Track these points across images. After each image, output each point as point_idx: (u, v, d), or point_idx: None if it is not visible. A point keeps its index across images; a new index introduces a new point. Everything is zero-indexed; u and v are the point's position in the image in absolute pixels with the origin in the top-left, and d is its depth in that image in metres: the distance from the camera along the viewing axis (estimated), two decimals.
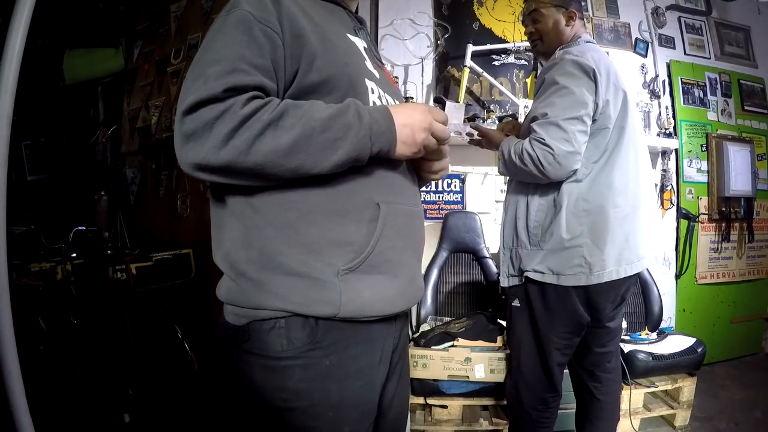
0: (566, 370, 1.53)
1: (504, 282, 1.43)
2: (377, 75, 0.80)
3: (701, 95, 2.85)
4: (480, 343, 1.82)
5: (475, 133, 1.52)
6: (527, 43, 2.55)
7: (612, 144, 1.28)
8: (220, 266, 0.74)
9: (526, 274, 1.33)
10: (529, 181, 1.33)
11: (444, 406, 1.84)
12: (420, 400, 1.84)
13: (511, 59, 2.62)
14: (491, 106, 2.61)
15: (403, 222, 0.76)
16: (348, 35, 0.80)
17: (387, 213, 0.72)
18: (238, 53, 0.64)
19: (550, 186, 1.30)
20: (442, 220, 2.41)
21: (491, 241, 2.45)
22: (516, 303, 1.41)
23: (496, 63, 2.60)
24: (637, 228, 1.31)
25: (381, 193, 0.73)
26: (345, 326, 0.69)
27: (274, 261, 0.67)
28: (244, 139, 0.61)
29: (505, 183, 2.51)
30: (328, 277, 0.67)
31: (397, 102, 0.84)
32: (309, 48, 0.68)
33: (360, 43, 0.82)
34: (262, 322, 0.68)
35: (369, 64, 0.79)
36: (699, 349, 1.96)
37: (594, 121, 1.25)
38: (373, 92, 0.76)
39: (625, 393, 1.87)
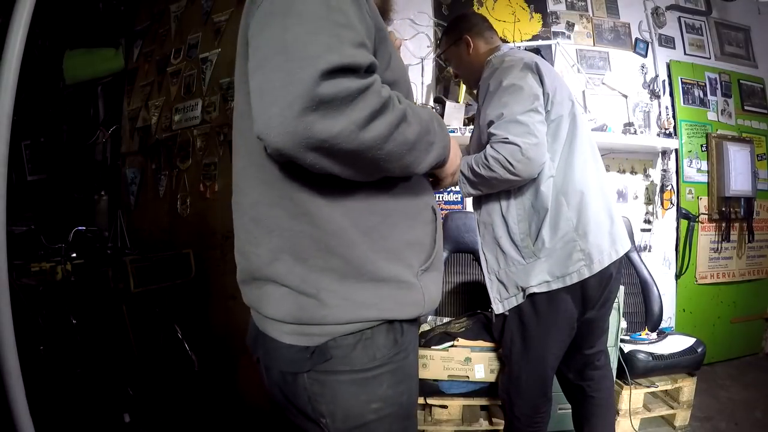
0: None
1: (498, 308, 1.34)
2: None
3: (701, 95, 2.85)
4: (480, 343, 1.81)
5: None
6: (528, 44, 2.56)
7: (570, 131, 1.29)
8: (280, 280, 0.65)
9: (531, 290, 1.26)
10: (501, 188, 1.28)
11: (444, 406, 1.84)
12: (420, 400, 1.84)
13: None
14: None
15: (440, 222, 0.80)
16: None
17: (437, 214, 0.76)
18: (361, 29, 0.56)
19: (522, 193, 1.28)
20: (442, 221, 2.41)
21: None
22: (506, 313, 1.36)
23: None
24: (615, 204, 1.34)
25: (430, 196, 0.77)
26: (412, 325, 0.71)
27: (360, 269, 0.64)
28: (386, 124, 0.55)
29: None
30: (411, 279, 0.68)
31: None
32: (387, 46, 0.67)
33: None
34: (346, 337, 0.64)
35: None
36: (699, 349, 1.96)
37: (547, 112, 1.26)
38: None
39: (625, 393, 1.87)
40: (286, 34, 0.52)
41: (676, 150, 2.75)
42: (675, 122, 2.75)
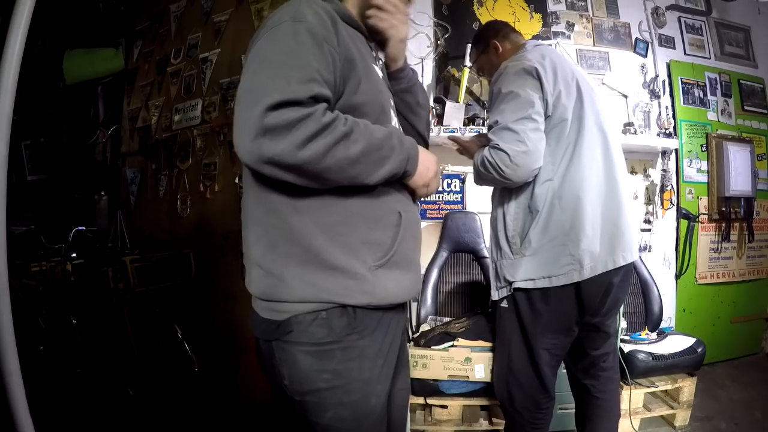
0: (563, 371, 1.52)
1: (494, 295, 1.42)
2: (392, 102, 0.94)
3: (701, 95, 2.85)
4: (480, 343, 1.81)
5: (454, 144, 1.56)
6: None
7: (574, 135, 1.28)
8: (257, 261, 0.81)
9: (514, 284, 1.32)
10: (499, 186, 1.37)
11: (444, 406, 1.84)
12: (420, 400, 1.84)
13: None
14: None
15: (414, 227, 0.91)
16: (372, 65, 0.90)
17: (405, 220, 0.85)
18: (315, 65, 0.72)
19: (522, 193, 1.32)
20: (442, 220, 2.41)
21: None
22: (504, 304, 1.40)
23: None
24: (626, 212, 1.32)
25: (401, 204, 0.87)
26: (373, 313, 0.81)
27: (318, 258, 0.77)
28: (322, 144, 0.69)
29: None
30: (363, 272, 0.78)
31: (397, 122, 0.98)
32: (356, 73, 0.79)
33: (380, 73, 0.92)
34: (305, 315, 0.77)
35: (388, 92, 0.92)
36: (699, 349, 1.96)
37: (548, 117, 1.27)
38: (393, 118, 0.91)
39: (625, 393, 1.87)
40: (254, 77, 0.72)
41: (676, 150, 2.75)
42: (675, 122, 2.75)
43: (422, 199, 0.96)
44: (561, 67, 1.32)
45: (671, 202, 2.75)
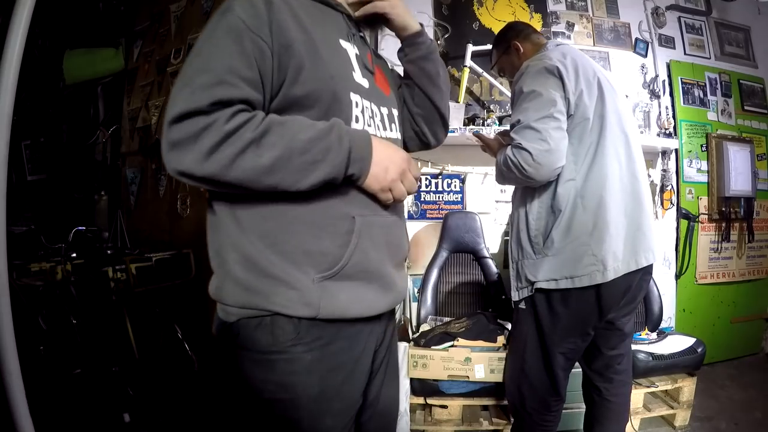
0: (576, 370, 1.52)
1: (515, 296, 1.40)
2: (365, 85, 0.82)
3: (701, 95, 2.85)
4: (480, 343, 1.81)
5: (476, 140, 1.56)
6: None
7: (596, 134, 1.28)
8: (212, 263, 0.77)
9: (536, 284, 1.31)
10: (521, 185, 1.36)
11: (444, 406, 1.84)
12: (420, 400, 1.84)
13: None
14: (491, 106, 2.62)
15: (380, 232, 0.79)
16: (340, 41, 0.80)
17: (362, 225, 0.75)
18: (226, 64, 0.65)
19: (545, 192, 1.31)
20: (442, 220, 2.41)
21: (491, 241, 2.45)
22: (522, 305, 1.40)
23: None
24: (648, 212, 1.32)
25: (356, 206, 0.75)
26: (326, 325, 0.73)
27: (257, 265, 0.71)
28: (225, 155, 0.63)
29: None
30: (305, 284, 0.71)
31: (385, 108, 0.87)
32: (296, 60, 0.70)
33: (351, 50, 0.82)
34: (250, 320, 0.72)
35: (357, 75, 0.80)
36: (699, 349, 1.96)
37: (571, 116, 1.26)
38: (357, 105, 0.78)
39: None
40: (176, 83, 0.67)
41: (676, 150, 2.75)
42: (675, 122, 2.75)
43: (389, 201, 0.78)
44: (582, 65, 1.31)
45: (671, 202, 2.75)
